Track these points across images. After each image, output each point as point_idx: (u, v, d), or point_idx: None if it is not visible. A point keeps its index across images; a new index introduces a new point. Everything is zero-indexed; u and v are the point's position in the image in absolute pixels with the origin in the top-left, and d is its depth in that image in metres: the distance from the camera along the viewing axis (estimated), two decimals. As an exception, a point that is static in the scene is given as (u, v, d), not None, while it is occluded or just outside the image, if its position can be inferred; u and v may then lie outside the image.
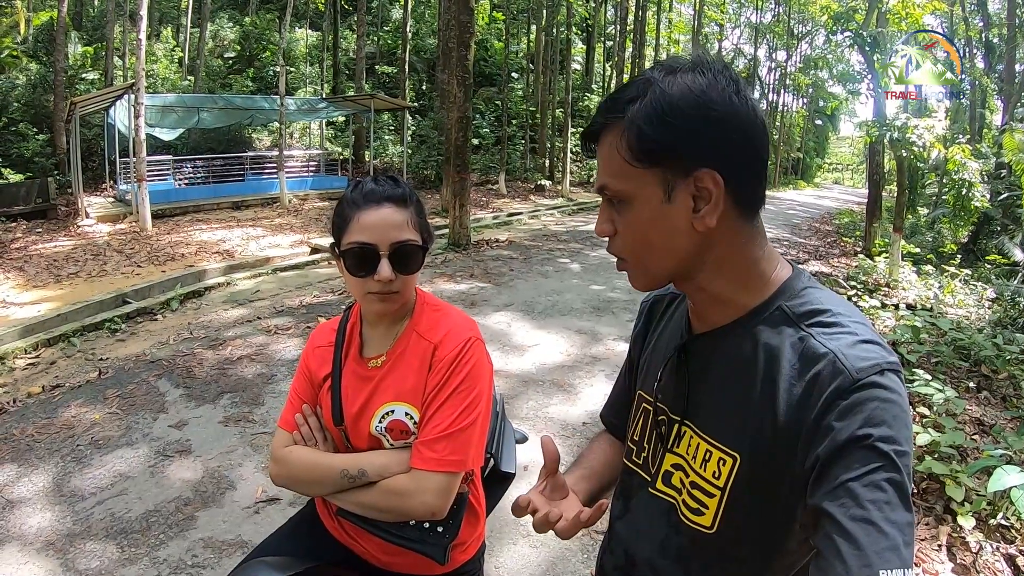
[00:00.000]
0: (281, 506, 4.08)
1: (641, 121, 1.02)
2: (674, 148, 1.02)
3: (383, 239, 1.64)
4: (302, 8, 30.71)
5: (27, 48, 22.36)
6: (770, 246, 1.13)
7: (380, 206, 1.67)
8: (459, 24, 13.08)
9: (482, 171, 26.19)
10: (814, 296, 1.08)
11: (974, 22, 28.05)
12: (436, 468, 1.61)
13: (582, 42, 37.37)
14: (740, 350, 1.09)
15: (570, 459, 4.58)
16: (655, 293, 1.44)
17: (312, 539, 1.90)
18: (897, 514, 0.87)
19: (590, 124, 1.12)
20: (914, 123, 11.18)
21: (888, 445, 0.90)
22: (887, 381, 0.95)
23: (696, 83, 1.02)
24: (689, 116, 1.01)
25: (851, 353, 0.97)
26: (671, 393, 1.22)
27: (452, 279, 10.33)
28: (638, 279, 1.15)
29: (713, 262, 1.09)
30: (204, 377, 6.14)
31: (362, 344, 1.83)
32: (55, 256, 12.19)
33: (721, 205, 1.03)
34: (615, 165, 1.06)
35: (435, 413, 1.65)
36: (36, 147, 19.10)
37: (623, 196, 1.08)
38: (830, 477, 0.91)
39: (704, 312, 1.17)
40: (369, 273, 1.65)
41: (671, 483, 1.21)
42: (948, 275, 11.36)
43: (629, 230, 1.09)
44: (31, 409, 5.50)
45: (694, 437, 1.16)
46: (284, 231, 15.42)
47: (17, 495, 4.20)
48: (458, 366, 1.68)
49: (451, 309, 1.84)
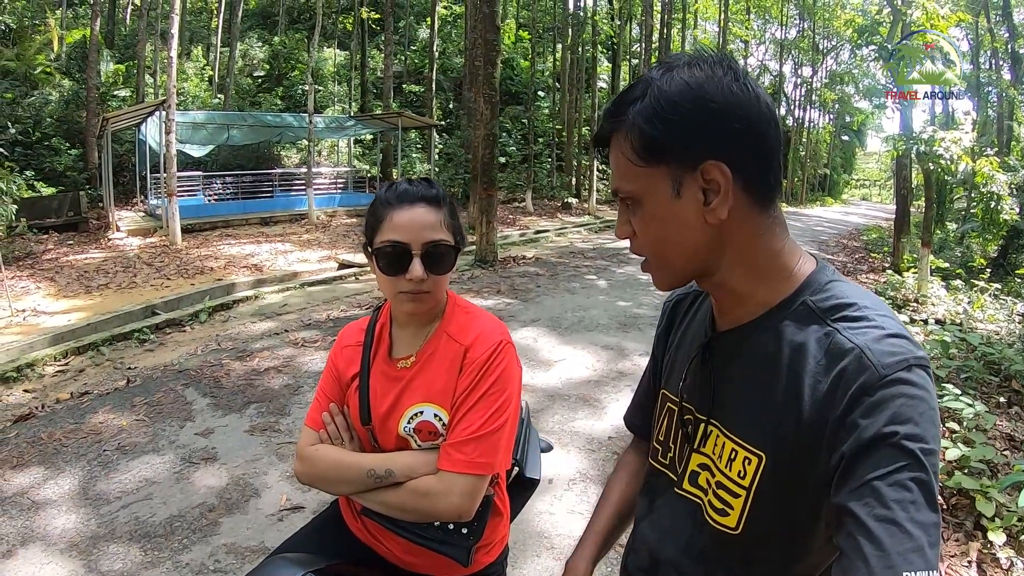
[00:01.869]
0: (305, 514, 4.08)
1: (641, 121, 1.02)
2: (676, 144, 1.02)
3: (416, 238, 1.64)
4: (330, 28, 31.06)
5: (60, 65, 22.72)
6: (792, 239, 1.12)
7: (414, 206, 1.67)
8: (485, 43, 13.16)
9: (509, 189, 26.26)
10: (839, 290, 1.06)
11: (1000, 33, 27.71)
12: (464, 470, 1.60)
13: (608, 60, 37.47)
14: (765, 347, 1.08)
15: (595, 473, 4.59)
16: (678, 292, 1.45)
17: (335, 538, 1.90)
18: (922, 514, 0.85)
19: (597, 130, 1.13)
20: (941, 136, 11.06)
21: (914, 443, 0.88)
22: (914, 377, 0.93)
23: (693, 77, 1.02)
24: (688, 110, 1.01)
25: (878, 348, 0.95)
26: (696, 392, 1.21)
27: (479, 295, 10.34)
28: (660, 277, 1.15)
29: (732, 256, 1.08)
30: (231, 387, 6.18)
31: (391, 344, 1.81)
32: (86, 267, 12.35)
33: (731, 196, 1.02)
34: (623, 167, 1.07)
35: (465, 415, 1.64)
36: (68, 161, 19.43)
37: (634, 196, 1.08)
38: (855, 475, 0.90)
39: (727, 309, 1.16)
40: (401, 272, 1.64)
41: (697, 483, 1.20)
42: (977, 290, 11.17)
43: (644, 229, 1.09)
44: (59, 414, 5.57)
45: (720, 436, 1.14)
46: (312, 247, 15.53)
47: (43, 497, 4.25)
48: (489, 369, 1.67)
49: (482, 312, 1.83)
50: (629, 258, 14.95)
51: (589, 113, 27.15)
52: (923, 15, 12.12)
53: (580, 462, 4.82)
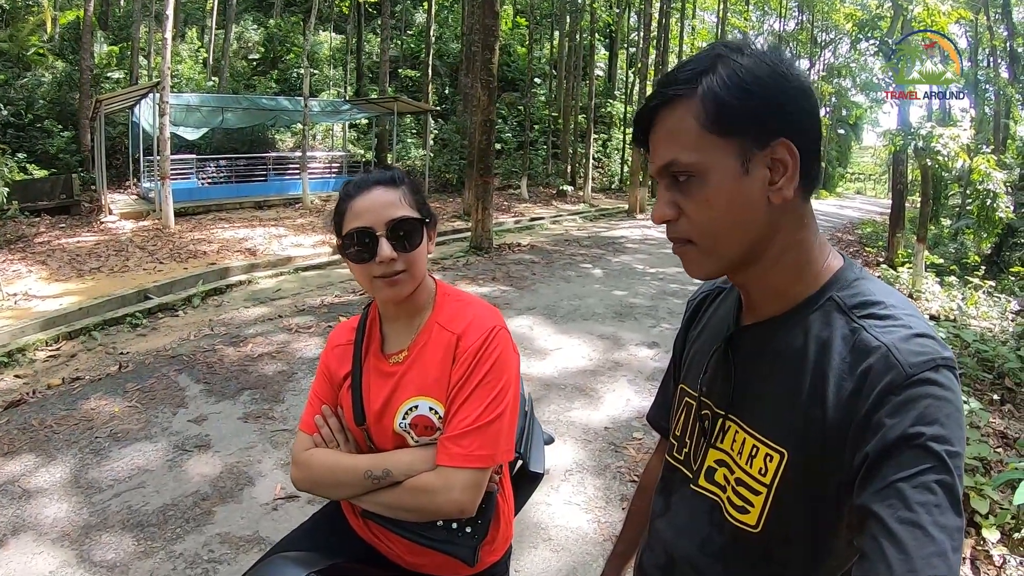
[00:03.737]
0: (300, 503, 4.06)
1: (721, 90, 0.98)
2: (755, 117, 0.99)
3: (378, 219, 1.61)
4: (326, 11, 30.84)
5: (53, 46, 22.55)
6: (822, 234, 1.11)
7: (370, 190, 1.66)
8: (484, 28, 13.10)
9: (504, 176, 26.22)
10: (866, 287, 1.05)
11: (999, 31, 27.71)
12: (464, 464, 1.55)
13: (605, 48, 37.44)
14: (790, 342, 1.06)
15: (592, 464, 4.58)
16: (703, 289, 1.41)
17: (335, 536, 1.86)
18: (946, 518, 0.83)
19: (651, 99, 1.06)
20: (939, 132, 11.08)
21: (940, 445, 0.86)
22: (942, 378, 0.91)
23: (767, 56, 1.01)
24: (769, 86, 0.99)
25: (905, 347, 0.93)
26: (716, 387, 1.19)
27: (474, 282, 10.33)
28: (702, 264, 1.08)
29: (779, 244, 1.05)
30: (224, 373, 6.15)
31: (383, 340, 1.78)
32: (78, 251, 12.27)
33: (796, 178, 1.01)
34: (687, 137, 1.01)
35: (461, 407, 1.60)
36: (61, 144, 19.32)
37: (696, 169, 1.01)
38: (878, 476, 0.88)
39: (758, 303, 1.14)
40: (370, 257, 1.61)
41: (714, 480, 1.18)
42: (972, 287, 11.20)
43: (701, 207, 1.03)
44: (50, 401, 5.53)
45: (739, 432, 1.13)
46: (306, 231, 15.47)
47: (34, 485, 4.22)
48: (483, 356, 1.62)
49: (473, 299, 1.79)
50: (625, 247, 14.96)
51: (585, 101, 27.03)
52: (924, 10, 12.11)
53: (577, 453, 4.81)
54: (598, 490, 4.31)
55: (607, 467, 4.62)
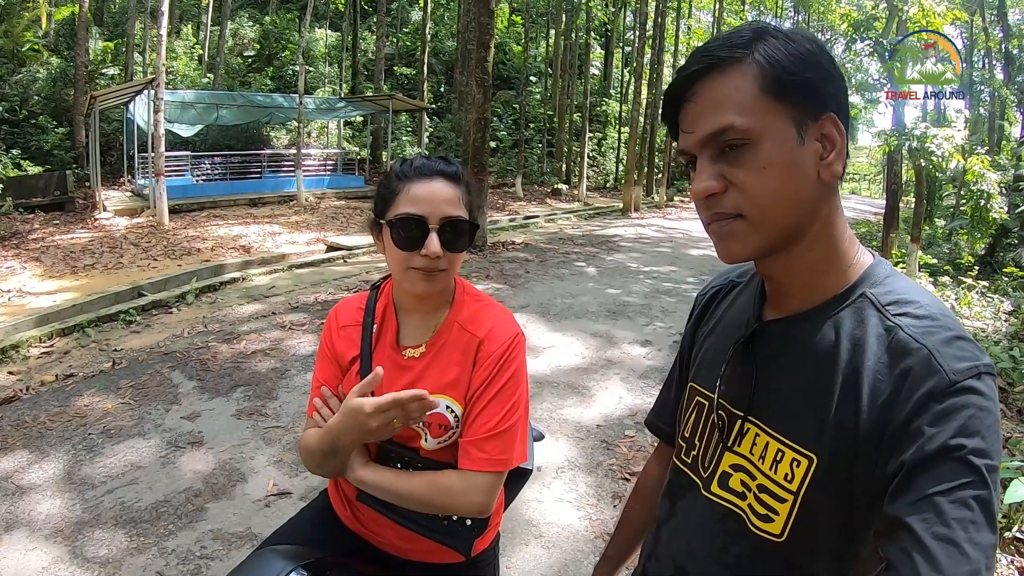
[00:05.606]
0: (292, 499, 4.07)
1: (778, 54, 0.95)
2: (810, 86, 0.96)
3: (434, 212, 1.57)
4: (322, 8, 30.83)
5: (48, 42, 22.50)
6: (851, 230, 1.07)
7: (432, 179, 1.60)
8: (479, 25, 13.08)
9: (499, 174, 26.26)
10: (899, 285, 1.01)
11: (994, 33, 27.80)
12: (486, 468, 1.56)
13: (601, 47, 37.46)
14: (820, 339, 1.01)
15: (583, 462, 4.59)
16: (715, 285, 1.36)
17: (324, 529, 1.85)
18: (982, 535, 0.80)
19: (690, 66, 1.00)
20: (934, 133, 11.11)
21: (981, 459, 0.83)
22: (984, 387, 0.87)
23: (809, 35, 1.00)
24: (818, 55, 0.97)
25: (947, 351, 0.89)
26: (734, 386, 1.13)
27: (468, 279, 10.25)
28: (748, 239, 1.00)
29: (819, 227, 1.01)
30: (218, 370, 6.14)
31: (398, 330, 1.74)
32: (72, 248, 12.26)
33: (844, 155, 0.98)
34: (740, 99, 0.95)
35: (482, 412, 1.59)
36: (55, 140, 19.29)
37: (752, 135, 0.95)
38: (915, 487, 0.85)
39: (784, 295, 1.09)
40: (416, 247, 1.56)
41: (729, 486, 1.12)
42: (965, 287, 11.22)
43: (756, 175, 0.96)
44: (44, 397, 5.52)
45: (761, 435, 1.07)
46: (300, 229, 15.46)
47: (27, 482, 4.21)
48: (505, 363, 1.61)
49: (492, 301, 1.77)
50: (619, 245, 14.96)
51: (581, 100, 27.05)
52: (919, 11, 12.14)
53: (569, 450, 4.82)
54: (590, 487, 4.32)
55: (599, 464, 4.63)
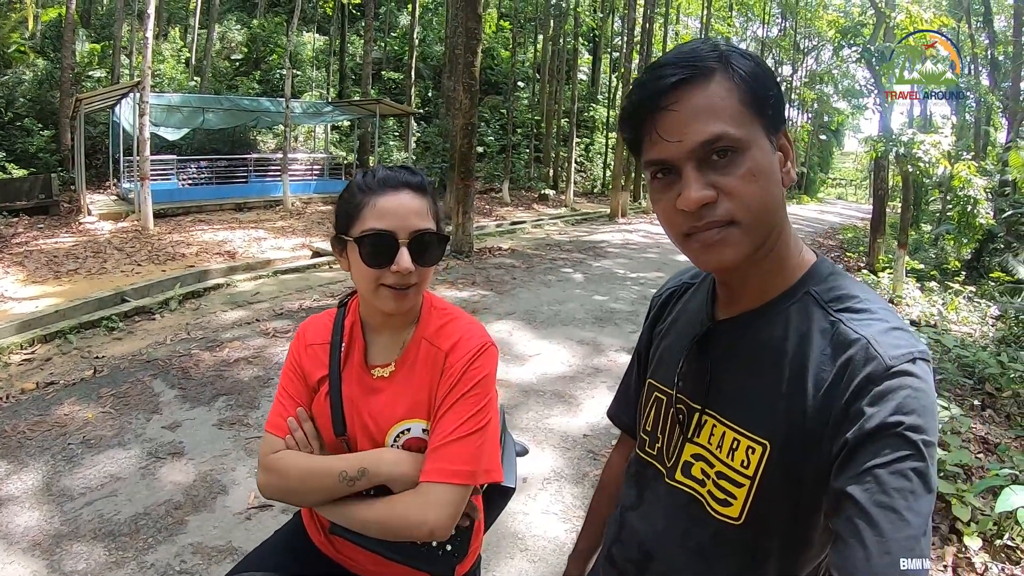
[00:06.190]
0: (274, 512, 4.01)
1: (749, 71, 1.02)
2: (778, 101, 1.04)
3: (403, 226, 1.51)
4: (310, 12, 30.77)
5: (35, 44, 22.34)
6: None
7: (398, 191, 1.55)
8: (466, 31, 13.07)
9: (486, 179, 26.23)
10: (841, 282, 1.09)
11: (980, 39, 28.04)
12: (442, 479, 1.46)
13: (588, 52, 37.53)
14: (769, 335, 1.09)
15: (570, 472, 4.55)
16: (669, 286, 1.44)
17: (298, 553, 1.78)
18: (920, 504, 0.88)
19: (670, 74, 1.00)
20: (920, 138, 11.16)
21: (917, 434, 0.90)
22: (918, 370, 0.95)
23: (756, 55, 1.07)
24: (773, 77, 1.05)
25: (884, 340, 0.97)
26: (692, 381, 1.20)
27: (454, 286, 10.27)
28: (741, 245, 1.03)
29: (776, 231, 1.08)
30: (200, 378, 6.08)
31: (366, 349, 1.68)
32: (56, 252, 12.13)
33: (796, 162, 1.08)
34: (731, 110, 1.00)
35: (443, 416, 1.53)
36: (40, 143, 19.10)
37: (742, 144, 0.99)
38: (857, 462, 0.92)
39: (737, 296, 1.16)
40: (386, 264, 1.50)
41: (691, 474, 1.19)
42: (952, 292, 11.29)
43: (748, 182, 1.00)
44: (24, 405, 5.45)
45: (718, 426, 1.14)
46: (286, 234, 15.39)
47: (5, 493, 4.14)
48: (470, 371, 1.56)
49: (460, 312, 1.72)
50: (606, 252, 14.95)
51: (568, 105, 27.07)
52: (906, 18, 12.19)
53: (555, 461, 4.77)
54: (576, 499, 4.27)
55: (585, 475, 4.58)
